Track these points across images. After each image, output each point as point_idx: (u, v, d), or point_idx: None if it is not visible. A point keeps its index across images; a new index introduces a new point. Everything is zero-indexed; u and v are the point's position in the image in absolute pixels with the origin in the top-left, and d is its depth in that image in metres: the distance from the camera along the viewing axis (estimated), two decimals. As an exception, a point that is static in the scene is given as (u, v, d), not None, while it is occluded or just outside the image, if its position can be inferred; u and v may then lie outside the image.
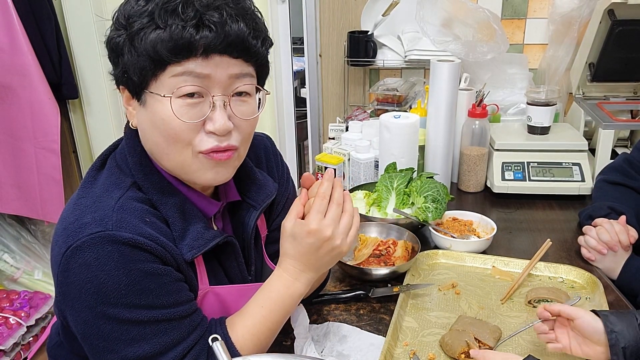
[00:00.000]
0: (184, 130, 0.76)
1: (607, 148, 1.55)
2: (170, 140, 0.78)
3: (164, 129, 0.77)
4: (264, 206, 0.93)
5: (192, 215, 0.83)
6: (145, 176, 0.82)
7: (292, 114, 2.43)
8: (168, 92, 0.75)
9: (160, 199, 0.81)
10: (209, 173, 0.81)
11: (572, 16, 1.79)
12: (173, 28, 0.72)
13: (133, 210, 0.77)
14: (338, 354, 0.93)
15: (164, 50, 0.73)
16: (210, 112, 0.77)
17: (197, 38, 0.72)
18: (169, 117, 0.76)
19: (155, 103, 0.76)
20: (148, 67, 0.74)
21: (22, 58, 1.99)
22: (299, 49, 2.39)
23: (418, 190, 1.31)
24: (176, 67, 0.74)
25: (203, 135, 0.78)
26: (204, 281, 0.87)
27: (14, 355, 2.04)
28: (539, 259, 1.15)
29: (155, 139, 0.79)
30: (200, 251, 0.81)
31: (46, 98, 2.07)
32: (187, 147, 0.78)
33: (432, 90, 1.50)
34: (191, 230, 0.82)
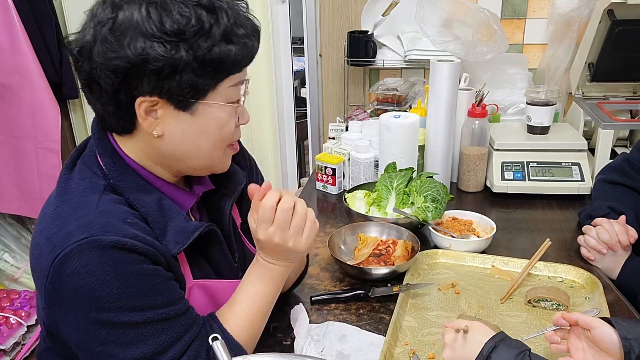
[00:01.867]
0: (232, 130, 0.85)
1: (606, 148, 1.55)
2: (217, 142, 0.84)
3: (218, 132, 0.83)
4: (236, 194, 0.97)
5: (170, 211, 0.84)
6: (120, 176, 0.82)
7: (292, 114, 2.43)
8: (225, 99, 0.81)
9: (137, 198, 0.82)
10: (228, 160, 0.90)
11: (572, 16, 1.79)
12: (244, 43, 0.78)
13: (114, 213, 0.77)
14: (338, 353, 0.93)
15: (235, 64, 0.79)
16: (239, 109, 0.85)
17: (255, 48, 0.81)
18: (226, 121, 0.83)
19: (212, 110, 0.81)
20: (213, 79, 0.79)
21: (22, 58, 1.99)
22: (299, 49, 2.39)
23: (418, 190, 1.31)
24: (235, 78, 0.81)
25: (235, 129, 0.87)
26: (187, 275, 0.88)
27: (14, 354, 2.04)
28: (538, 258, 1.15)
29: (199, 143, 0.83)
30: (185, 244, 0.82)
31: (46, 98, 2.07)
32: (226, 145, 0.86)
33: (432, 90, 1.50)
34: (172, 226, 0.82)
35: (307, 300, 1.09)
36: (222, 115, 0.82)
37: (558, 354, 0.87)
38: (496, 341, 0.81)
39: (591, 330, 0.82)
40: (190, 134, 0.81)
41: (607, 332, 0.81)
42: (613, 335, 0.80)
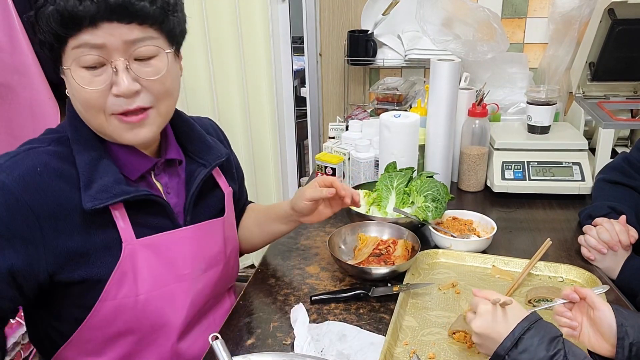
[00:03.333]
0: (94, 97, 0.83)
1: (607, 147, 1.55)
2: (85, 107, 0.85)
3: (78, 98, 0.85)
4: (214, 165, 1.02)
5: (105, 170, 0.88)
6: (74, 130, 0.90)
7: (292, 113, 2.43)
8: (75, 63, 0.82)
9: (78, 150, 0.88)
10: (127, 134, 0.88)
11: (573, 15, 1.78)
12: (62, 2, 0.77)
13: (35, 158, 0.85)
14: (338, 353, 0.93)
15: (57, 25, 0.79)
16: (114, 77, 0.83)
17: (80, 9, 0.77)
18: (78, 87, 0.83)
19: (68, 74, 0.83)
20: (53, 43, 0.82)
21: (22, 57, 1.99)
22: (299, 48, 2.39)
23: (418, 190, 1.31)
24: (74, 41, 0.80)
25: (112, 98, 0.84)
26: (128, 235, 0.90)
27: (14, 354, 2.04)
28: (539, 258, 1.15)
29: (77, 106, 0.88)
30: (102, 203, 0.85)
31: (46, 98, 2.07)
32: (100, 111, 0.85)
33: (432, 90, 1.50)
34: (100, 183, 0.87)
35: (307, 300, 1.09)
36: (73, 80, 0.83)
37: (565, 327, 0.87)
38: (530, 322, 0.77)
39: (594, 310, 0.83)
40: (70, 95, 0.88)
41: (608, 316, 0.82)
42: (613, 320, 0.81)
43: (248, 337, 0.99)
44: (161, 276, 0.95)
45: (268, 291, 1.14)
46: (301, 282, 1.16)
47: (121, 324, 0.93)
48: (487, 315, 0.81)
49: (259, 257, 2.53)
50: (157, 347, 0.98)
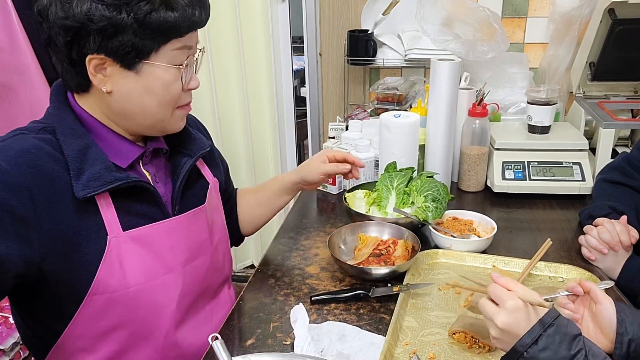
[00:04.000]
0: (179, 92, 0.93)
1: (607, 147, 1.55)
2: (164, 102, 0.92)
3: (163, 93, 0.91)
4: (198, 155, 1.06)
5: (94, 159, 0.89)
6: (60, 120, 0.92)
7: (292, 113, 2.43)
8: (170, 62, 0.89)
9: (65, 139, 0.89)
10: (181, 122, 0.99)
11: (573, 15, 1.78)
12: (183, 11, 0.86)
13: (25, 142, 0.86)
14: (338, 353, 0.93)
15: (176, 29, 0.87)
16: (191, 74, 0.95)
17: (197, 16, 0.89)
18: (171, 83, 0.91)
19: (156, 71, 0.89)
20: (154, 42, 0.86)
21: (22, 57, 1.99)
22: (298, 48, 2.39)
23: (418, 190, 1.31)
24: (177, 42, 0.89)
25: (183, 93, 0.95)
26: (114, 227, 0.90)
27: (14, 354, 2.04)
28: (539, 258, 1.15)
29: (145, 102, 0.91)
30: (94, 191, 0.87)
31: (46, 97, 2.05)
32: (174, 105, 0.94)
33: (432, 90, 1.50)
34: (89, 171, 0.87)
35: (307, 300, 1.09)
36: (166, 76, 0.90)
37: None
38: (551, 318, 0.73)
39: (597, 304, 0.83)
40: (136, 92, 0.90)
41: (609, 311, 0.82)
42: (614, 315, 0.81)
43: (248, 337, 0.99)
44: (151, 268, 0.94)
45: (268, 291, 1.14)
46: (301, 282, 1.16)
47: (113, 317, 0.93)
48: (518, 313, 0.74)
49: (259, 257, 2.53)
50: (151, 341, 0.98)
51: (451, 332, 0.96)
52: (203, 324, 1.08)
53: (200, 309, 1.08)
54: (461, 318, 0.98)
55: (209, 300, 1.12)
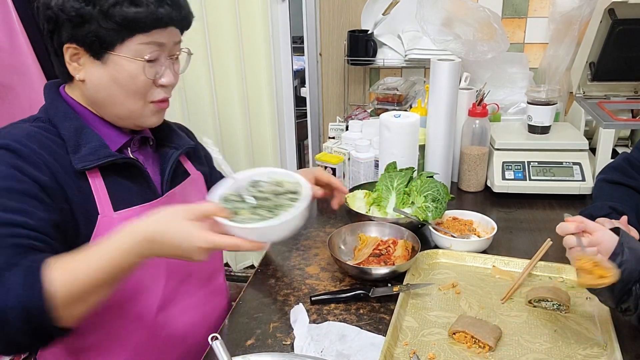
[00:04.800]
0: (145, 85, 0.95)
1: (607, 147, 1.55)
2: (130, 93, 0.95)
3: (129, 84, 0.94)
4: (184, 148, 1.11)
5: (89, 137, 0.95)
6: (54, 108, 0.97)
7: (292, 113, 2.43)
8: (134, 55, 0.92)
9: (61, 121, 0.95)
10: (154, 117, 1.01)
11: (573, 15, 1.78)
12: (147, 7, 0.90)
13: (23, 129, 0.91)
14: (338, 353, 0.93)
15: (139, 24, 0.90)
16: (162, 70, 0.97)
17: (163, 14, 0.92)
18: (136, 75, 0.93)
19: (122, 62, 0.92)
20: (119, 34, 0.90)
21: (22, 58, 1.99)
22: (299, 48, 2.39)
23: (418, 190, 1.31)
24: (144, 37, 0.92)
25: (155, 88, 0.98)
26: (105, 207, 0.94)
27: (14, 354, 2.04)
28: (539, 258, 1.15)
29: (111, 92, 0.95)
30: (93, 164, 0.92)
31: (46, 97, 2.07)
32: (142, 98, 0.97)
33: (433, 90, 1.50)
34: (86, 147, 0.94)
35: (307, 300, 1.09)
36: (130, 68, 0.93)
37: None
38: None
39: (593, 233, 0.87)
40: (104, 81, 0.94)
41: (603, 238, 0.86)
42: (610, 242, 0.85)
43: (248, 337, 0.99)
44: None
45: (268, 291, 1.14)
46: (301, 283, 1.16)
47: None
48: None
49: (259, 257, 2.53)
50: (139, 322, 1.00)
51: (451, 332, 0.96)
52: (194, 307, 1.10)
53: (191, 294, 1.10)
54: (461, 318, 0.98)
55: (201, 286, 1.13)
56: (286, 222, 0.84)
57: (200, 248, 0.80)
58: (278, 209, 0.88)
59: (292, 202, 0.89)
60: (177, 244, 0.80)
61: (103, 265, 0.79)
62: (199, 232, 0.80)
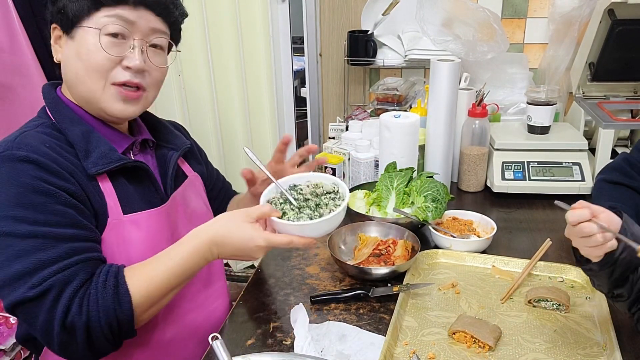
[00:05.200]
0: (105, 61, 0.92)
1: (607, 148, 1.55)
2: (89, 69, 0.92)
3: (87, 59, 0.92)
4: (183, 149, 1.11)
5: (97, 141, 0.95)
6: (57, 112, 0.96)
7: (292, 114, 2.43)
8: (98, 27, 0.91)
9: (67, 127, 0.94)
10: (118, 105, 0.96)
11: (572, 16, 1.78)
12: None
13: (35, 137, 0.90)
14: (338, 353, 0.93)
15: None
16: (129, 52, 0.94)
17: None
18: (95, 48, 0.91)
19: (85, 35, 0.91)
20: (85, 6, 0.90)
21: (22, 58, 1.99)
22: (299, 49, 2.39)
23: (418, 190, 1.31)
24: (109, 10, 0.91)
25: (119, 69, 0.94)
26: (115, 209, 0.94)
27: (14, 354, 2.04)
28: (538, 258, 1.15)
29: (76, 68, 0.93)
30: (105, 167, 0.92)
31: (46, 98, 2.07)
32: (102, 77, 0.93)
33: (432, 90, 1.50)
34: (96, 152, 0.93)
35: (307, 300, 1.09)
36: (92, 40, 0.91)
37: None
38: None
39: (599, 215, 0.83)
40: (71, 57, 0.94)
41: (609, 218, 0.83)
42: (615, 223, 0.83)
43: (248, 337, 0.99)
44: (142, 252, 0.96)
45: (268, 291, 1.14)
46: (301, 283, 1.16)
47: None
48: None
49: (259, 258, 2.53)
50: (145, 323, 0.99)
51: (451, 332, 0.96)
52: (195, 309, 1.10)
53: (192, 298, 1.10)
54: (461, 318, 0.98)
55: (201, 290, 1.13)
56: (334, 216, 0.94)
57: (259, 247, 0.89)
58: (321, 207, 0.98)
59: (333, 200, 0.99)
60: (240, 245, 0.90)
61: (175, 270, 0.89)
62: (258, 233, 0.89)
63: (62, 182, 0.87)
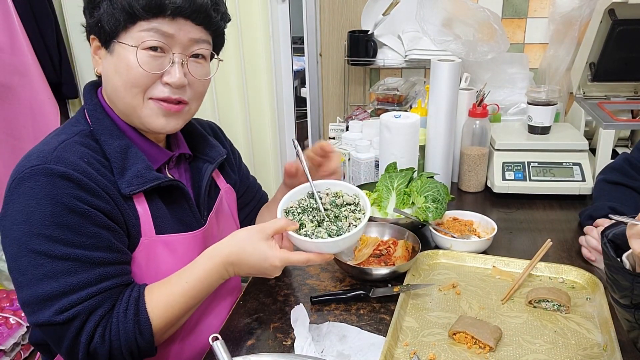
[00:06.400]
0: (143, 77, 0.89)
1: (607, 148, 1.55)
2: (128, 85, 0.90)
3: (125, 75, 0.89)
4: (218, 161, 1.08)
5: (135, 158, 0.92)
6: (97, 120, 0.93)
7: (292, 114, 2.43)
8: (135, 43, 0.88)
9: (106, 139, 0.92)
10: (159, 120, 0.93)
11: (573, 16, 1.78)
12: None
13: (74, 150, 0.87)
14: (338, 353, 0.93)
15: (138, 7, 0.85)
16: (169, 66, 0.90)
17: (168, 1, 0.86)
18: (133, 65, 0.88)
19: (122, 51, 0.88)
20: (121, 19, 0.87)
21: (22, 58, 1.99)
22: (299, 49, 2.39)
23: (418, 190, 1.31)
24: (145, 23, 0.87)
25: (159, 85, 0.91)
26: (148, 229, 0.92)
27: (14, 355, 2.04)
28: (539, 259, 1.15)
29: (115, 83, 0.91)
30: (139, 188, 0.90)
31: (46, 98, 2.07)
32: (141, 92, 0.91)
33: (433, 90, 1.50)
34: (132, 170, 0.91)
35: (307, 300, 1.09)
36: (130, 56, 0.88)
37: None
38: None
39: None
40: (110, 72, 0.91)
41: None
42: None
43: (248, 337, 0.99)
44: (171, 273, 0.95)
45: (268, 292, 1.14)
46: (301, 283, 1.16)
47: None
48: None
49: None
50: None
51: (451, 333, 0.96)
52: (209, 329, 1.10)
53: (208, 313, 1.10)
54: (461, 318, 0.98)
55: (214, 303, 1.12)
56: (354, 234, 0.90)
57: (274, 266, 0.88)
58: (340, 220, 0.94)
59: (353, 212, 0.95)
60: (254, 264, 0.89)
61: (192, 292, 0.88)
62: (273, 252, 0.88)
63: (99, 201, 0.85)
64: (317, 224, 0.94)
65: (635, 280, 0.75)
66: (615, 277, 0.78)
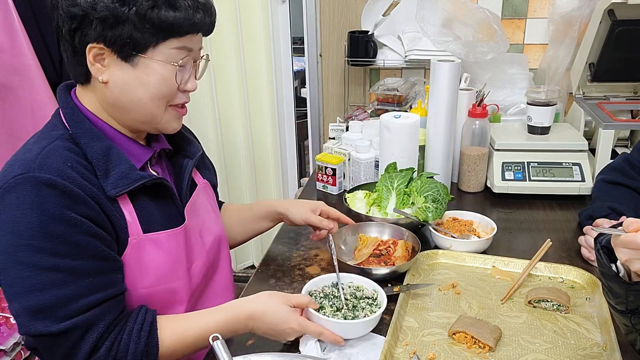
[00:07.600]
0: (173, 89, 0.94)
1: (607, 148, 1.55)
2: (156, 97, 0.92)
3: (156, 88, 0.92)
4: (197, 156, 1.10)
5: (118, 159, 0.92)
6: (76, 124, 0.92)
7: (292, 114, 2.43)
8: (167, 59, 0.90)
9: (87, 142, 0.90)
10: (175, 123, 0.99)
11: (572, 16, 1.78)
12: (185, 12, 0.88)
13: (57, 156, 0.86)
14: (339, 353, 0.93)
15: (176, 28, 0.89)
16: (189, 76, 0.96)
17: (198, 19, 0.91)
18: (167, 79, 0.92)
19: (153, 65, 0.90)
20: (153, 38, 0.88)
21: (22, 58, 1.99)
22: (299, 49, 2.39)
23: (418, 190, 1.31)
24: (176, 41, 0.90)
25: (179, 93, 0.96)
26: (135, 229, 0.92)
27: (15, 355, 2.04)
28: (539, 259, 1.15)
29: (139, 95, 0.92)
30: (125, 189, 0.90)
31: (46, 98, 2.07)
32: (165, 103, 0.95)
33: (433, 90, 1.50)
34: (116, 171, 0.90)
35: (307, 300, 1.09)
36: (161, 72, 0.91)
37: None
38: None
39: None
40: (130, 83, 0.91)
41: None
42: None
43: (248, 337, 0.99)
44: (163, 271, 0.96)
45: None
46: (302, 283, 1.16)
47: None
48: None
49: (259, 258, 2.53)
50: None
51: (451, 333, 0.96)
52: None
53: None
54: (461, 318, 0.98)
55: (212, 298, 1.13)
56: (366, 322, 0.96)
57: (292, 329, 0.93)
58: (357, 309, 1.00)
59: (370, 305, 1.01)
60: (275, 324, 0.93)
61: (207, 333, 0.88)
62: (294, 316, 0.93)
63: (85, 209, 0.84)
64: (335, 309, 1.00)
65: (629, 288, 0.75)
66: (610, 284, 0.79)
